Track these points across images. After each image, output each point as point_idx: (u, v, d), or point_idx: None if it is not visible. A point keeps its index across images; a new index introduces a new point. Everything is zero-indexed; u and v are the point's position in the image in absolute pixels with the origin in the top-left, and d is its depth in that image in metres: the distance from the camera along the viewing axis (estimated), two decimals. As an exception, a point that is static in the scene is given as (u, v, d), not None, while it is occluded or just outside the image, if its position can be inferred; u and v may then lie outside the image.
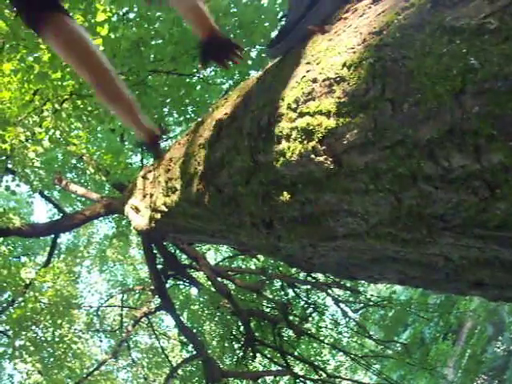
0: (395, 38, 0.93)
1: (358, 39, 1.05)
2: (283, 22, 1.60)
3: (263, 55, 7.92)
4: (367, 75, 0.99)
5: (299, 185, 1.31)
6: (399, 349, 12.94)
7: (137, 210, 3.47)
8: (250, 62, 6.78)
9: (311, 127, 1.16)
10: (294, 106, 1.22)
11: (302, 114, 1.20)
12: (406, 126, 0.93)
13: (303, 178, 1.28)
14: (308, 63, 1.22)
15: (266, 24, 6.43)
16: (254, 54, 7.83)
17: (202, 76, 7.88)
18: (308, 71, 1.20)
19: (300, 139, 1.21)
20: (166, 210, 2.64)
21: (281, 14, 6.34)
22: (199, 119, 2.39)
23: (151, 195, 3.01)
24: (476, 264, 1.19)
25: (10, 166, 6.81)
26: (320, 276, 10.54)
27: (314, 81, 1.16)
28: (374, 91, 0.98)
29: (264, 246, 1.90)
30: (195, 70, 6.29)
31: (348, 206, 1.21)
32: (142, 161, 9.07)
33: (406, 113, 0.92)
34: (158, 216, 2.84)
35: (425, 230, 1.09)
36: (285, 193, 1.38)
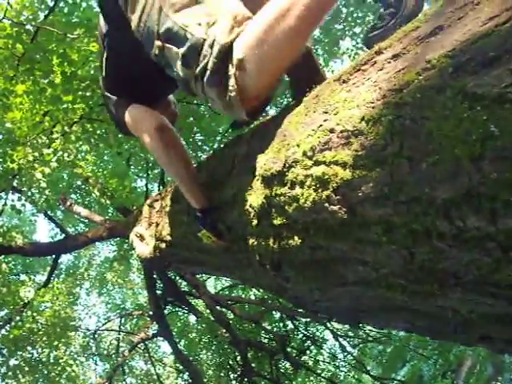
0: (415, 97, 0.95)
1: (377, 94, 1.07)
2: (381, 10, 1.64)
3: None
4: (385, 132, 1.00)
5: (311, 230, 1.32)
6: (397, 386, 12.79)
7: (141, 237, 3.46)
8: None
9: (326, 176, 1.17)
10: (309, 153, 1.24)
11: (317, 163, 1.21)
12: (423, 184, 0.95)
13: (316, 224, 1.29)
14: (325, 112, 1.24)
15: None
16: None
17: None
18: (325, 120, 1.22)
19: (314, 187, 1.22)
20: (172, 240, 2.65)
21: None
22: (211, 152, 2.40)
23: (157, 224, 3.02)
24: (484, 318, 1.19)
25: (16, 185, 6.85)
26: (319, 309, 10.46)
27: (332, 131, 1.17)
28: (392, 148, 0.99)
29: (271, 286, 1.90)
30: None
31: (360, 255, 1.21)
32: (146, 185, 9.10)
33: (423, 171, 0.94)
34: (163, 246, 2.84)
35: (436, 284, 1.10)
36: (296, 237, 1.39)
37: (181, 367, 10.20)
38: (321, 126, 1.23)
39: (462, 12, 0.95)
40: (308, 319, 10.74)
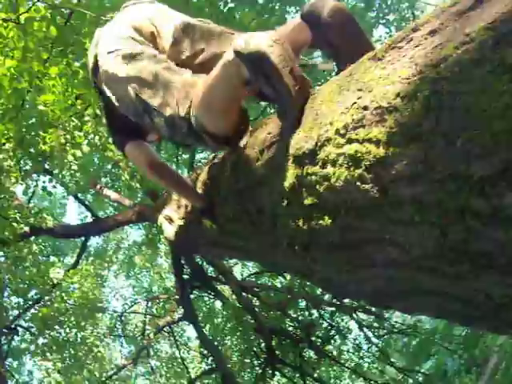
0: (453, 72, 0.93)
1: (413, 70, 1.05)
2: None
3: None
4: (421, 107, 0.98)
5: (342, 210, 1.31)
6: (421, 379, 12.70)
7: (170, 220, 3.48)
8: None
9: (359, 154, 1.15)
10: (342, 131, 1.22)
11: (350, 141, 1.20)
12: (458, 161, 0.93)
13: (346, 204, 1.27)
14: (359, 90, 1.22)
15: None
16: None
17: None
18: (359, 98, 1.20)
19: (347, 165, 1.21)
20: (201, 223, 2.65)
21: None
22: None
23: (186, 207, 3.03)
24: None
25: (47, 167, 6.94)
26: (345, 299, 10.43)
27: (365, 108, 1.16)
28: (428, 124, 0.97)
29: (298, 268, 1.89)
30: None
31: (390, 235, 1.20)
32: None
33: (459, 148, 0.92)
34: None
35: (468, 265, 1.08)
36: (326, 217, 1.37)
37: (205, 352, 10.27)
38: (354, 103, 1.21)
39: (504, -16, 0.92)
40: (333, 308, 10.73)
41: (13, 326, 9.63)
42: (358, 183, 1.18)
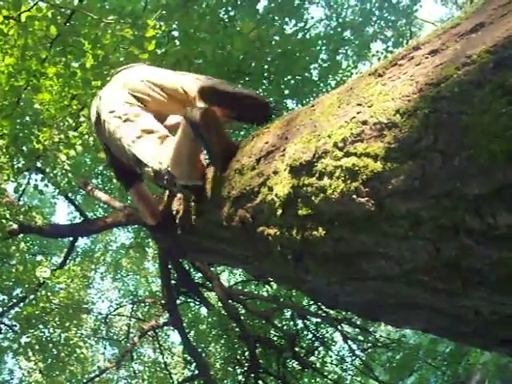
0: (453, 92, 0.95)
1: (413, 88, 1.07)
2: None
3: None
4: (420, 125, 1.00)
5: (336, 222, 1.32)
6: (403, 394, 12.72)
7: (161, 224, 3.48)
8: (287, 92, 6.89)
9: (356, 168, 1.17)
10: (340, 144, 1.24)
11: (348, 154, 1.21)
12: (455, 178, 0.95)
13: (341, 216, 1.29)
14: (359, 105, 1.24)
15: (307, 57, 6.53)
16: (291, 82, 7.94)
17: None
18: (359, 112, 1.22)
19: (343, 178, 1.22)
20: (191, 229, 2.65)
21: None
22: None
23: (177, 212, 3.03)
24: (507, 320, 1.19)
25: (40, 165, 6.91)
26: (331, 311, 10.43)
27: (365, 123, 1.18)
28: (426, 141, 0.99)
29: (289, 278, 1.90)
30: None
31: (384, 249, 1.21)
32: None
33: (456, 166, 0.94)
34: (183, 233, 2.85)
35: (459, 282, 1.09)
36: (320, 228, 1.39)
37: (189, 358, 10.24)
38: (354, 117, 1.23)
39: (506, 9, 0.95)
40: (319, 319, 10.73)
41: (-4, 324, 9.57)
42: (354, 196, 1.20)
